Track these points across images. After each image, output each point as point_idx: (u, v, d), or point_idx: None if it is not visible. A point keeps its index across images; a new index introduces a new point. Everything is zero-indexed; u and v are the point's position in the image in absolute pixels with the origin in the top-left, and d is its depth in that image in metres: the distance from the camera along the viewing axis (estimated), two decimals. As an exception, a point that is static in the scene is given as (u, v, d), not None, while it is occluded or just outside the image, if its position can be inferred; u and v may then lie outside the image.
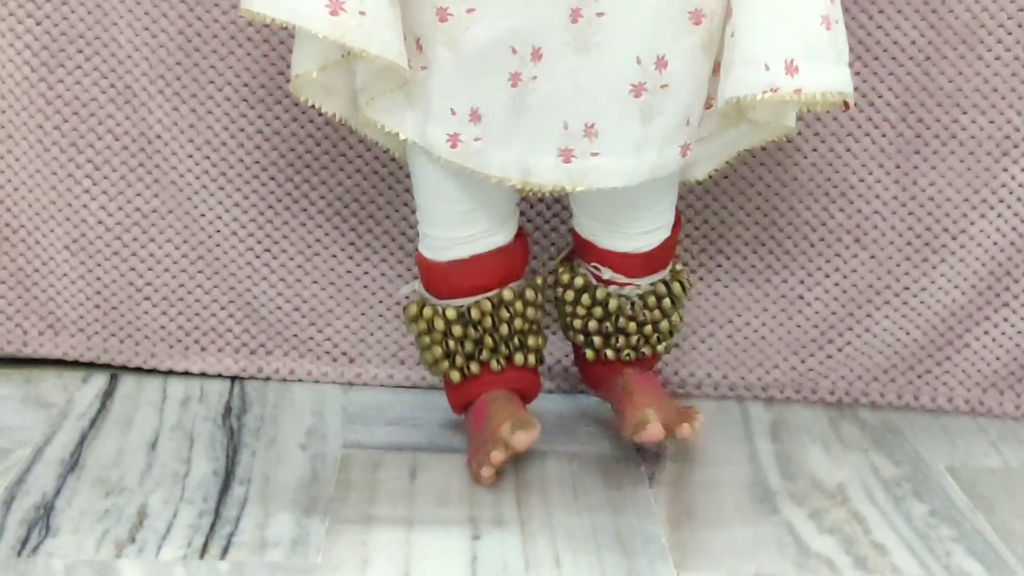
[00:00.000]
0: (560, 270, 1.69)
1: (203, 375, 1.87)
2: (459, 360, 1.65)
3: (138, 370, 1.87)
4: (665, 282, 1.67)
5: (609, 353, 1.68)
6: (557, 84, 1.49)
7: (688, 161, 1.57)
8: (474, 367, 1.65)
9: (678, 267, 1.70)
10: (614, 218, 1.62)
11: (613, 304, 1.65)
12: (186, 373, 1.87)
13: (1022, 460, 1.74)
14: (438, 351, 1.66)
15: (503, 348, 1.65)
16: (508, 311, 1.64)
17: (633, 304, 1.66)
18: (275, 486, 1.57)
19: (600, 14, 1.47)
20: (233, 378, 1.87)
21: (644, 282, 1.66)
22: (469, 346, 1.65)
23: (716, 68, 1.54)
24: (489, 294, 1.64)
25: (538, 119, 1.50)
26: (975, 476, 1.68)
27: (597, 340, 1.68)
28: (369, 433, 1.73)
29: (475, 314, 1.63)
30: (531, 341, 1.67)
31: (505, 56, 1.49)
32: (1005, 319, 1.86)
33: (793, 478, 1.65)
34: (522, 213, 1.83)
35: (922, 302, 1.87)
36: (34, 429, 1.69)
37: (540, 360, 1.69)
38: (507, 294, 1.64)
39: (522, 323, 1.65)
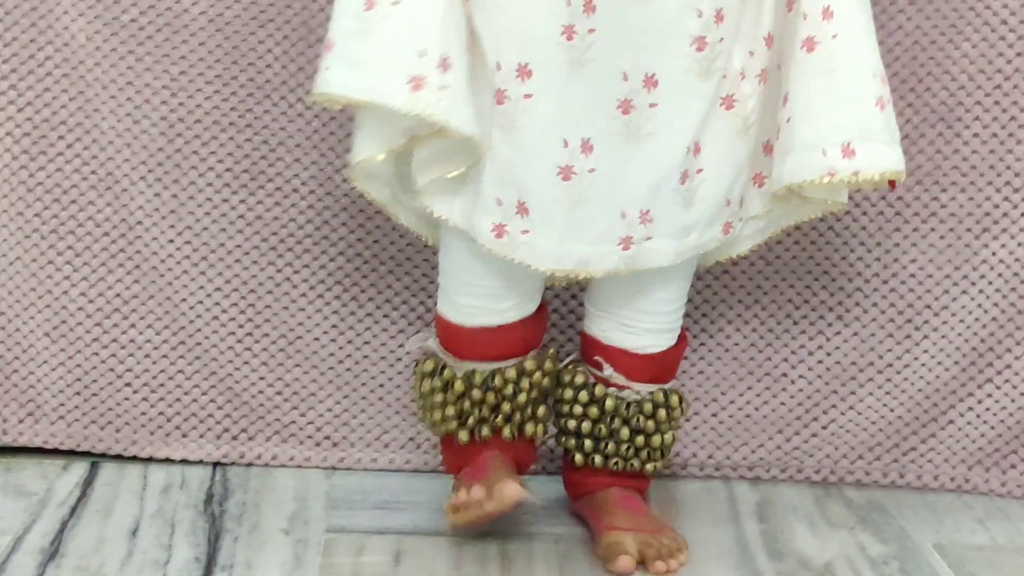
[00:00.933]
0: (563, 371, 1.69)
1: (184, 462, 1.86)
2: (471, 422, 1.64)
3: (119, 458, 1.86)
4: (664, 392, 1.67)
5: (598, 459, 1.66)
6: (613, 174, 1.51)
7: (730, 239, 1.60)
8: (485, 431, 1.64)
9: (679, 388, 1.71)
10: (623, 308, 1.63)
11: (610, 404, 1.64)
12: (167, 460, 1.86)
13: (1009, 537, 1.73)
14: (451, 411, 1.64)
15: (517, 417, 1.64)
16: (528, 381, 1.64)
17: (629, 407, 1.65)
18: (257, 572, 1.55)
19: (653, 105, 1.49)
20: (215, 464, 1.86)
21: (643, 389, 1.65)
22: (486, 411, 1.64)
23: (767, 148, 1.57)
24: (512, 362, 1.63)
25: (596, 210, 1.52)
26: (963, 553, 1.67)
27: (588, 443, 1.66)
28: (353, 517, 1.71)
29: (498, 382, 1.63)
30: (541, 411, 1.66)
31: (556, 148, 1.50)
32: (989, 395, 1.86)
33: (780, 557, 1.64)
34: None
35: (906, 379, 1.87)
36: (13, 518, 1.67)
37: (546, 430, 1.68)
38: (530, 364, 1.63)
39: (537, 393, 1.65)
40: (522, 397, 1.63)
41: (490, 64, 1.50)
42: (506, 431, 1.64)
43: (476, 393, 1.63)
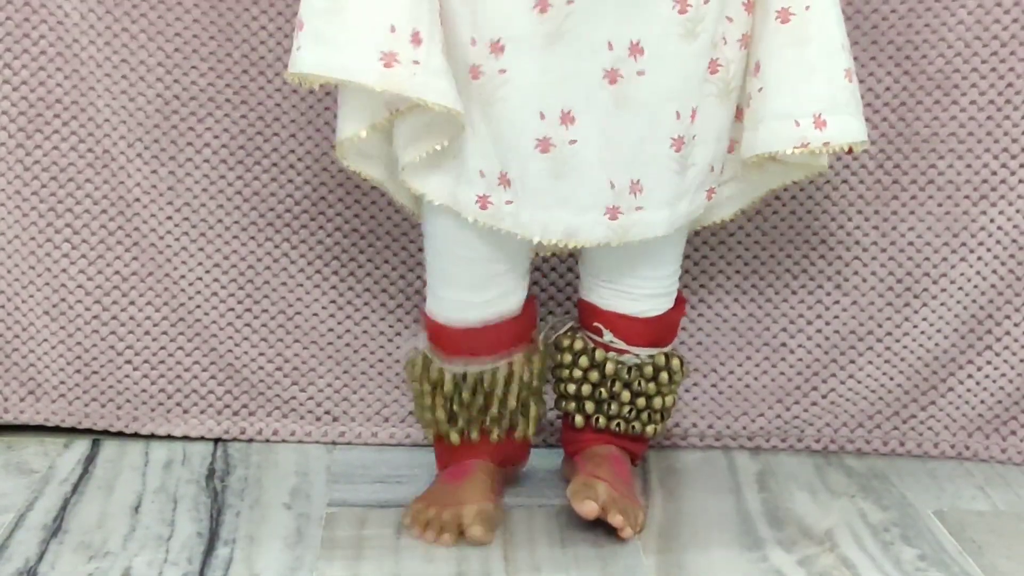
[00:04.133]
0: (561, 336, 1.69)
1: (186, 439, 1.86)
2: (461, 423, 1.64)
3: (120, 435, 1.86)
4: (665, 355, 1.67)
5: (601, 420, 1.66)
6: (599, 144, 1.50)
7: (711, 204, 1.60)
8: (474, 434, 1.64)
9: (679, 352, 1.71)
10: (620, 276, 1.63)
11: (610, 368, 1.65)
12: (168, 437, 1.86)
13: (1009, 503, 1.74)
14: (440, 414, 1.64)
15: (506, 421, 1.64)
16: (518, 383, 1.63)
17: (630, 371, 1.65)
18: (260, 546, 1.56)
19: (641, 72, 1.48)
20: (216, 440, 1.86)
21: (643, 352, 1.65)
22: (475, 411, 1.64)
23: (739, 114, 1.58)
24: (500, 362, 1.63)
25: (581, 181, 1.51)
26: (963, 520, 1.67)
27: (589, 405, 1.67)
28: (354, 491, 1.72)
29: (487, 383, 1.63)
30: (533, 410, 1.66)
31: (532, 122, 1.49)
32: (988, 362, 1.86)
33: (781, 525, 1.64)
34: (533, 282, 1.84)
35: (905, 347, 1.87)
36: (16, 495, 1.67)
37: (536, 429, 1.68)
38: (517, 365, 1.63)
39: (527, 393, 1.65)
40: (511, 400, 1.63)
41: (464, 39, 1.49)
42: (494, 435, 1.64)
43: (465, 395, 1.63)
